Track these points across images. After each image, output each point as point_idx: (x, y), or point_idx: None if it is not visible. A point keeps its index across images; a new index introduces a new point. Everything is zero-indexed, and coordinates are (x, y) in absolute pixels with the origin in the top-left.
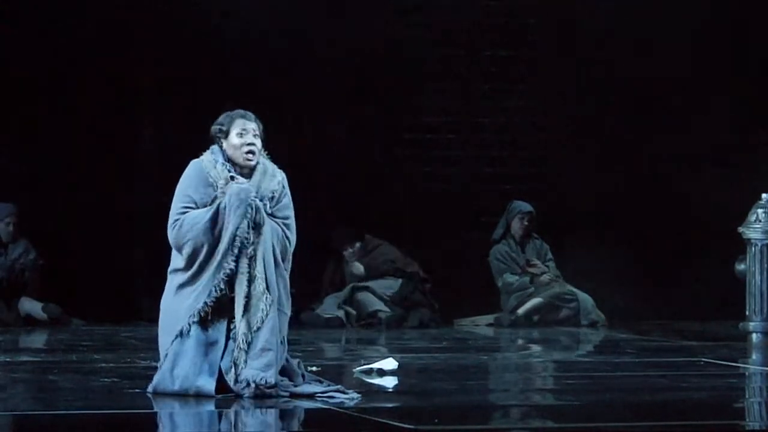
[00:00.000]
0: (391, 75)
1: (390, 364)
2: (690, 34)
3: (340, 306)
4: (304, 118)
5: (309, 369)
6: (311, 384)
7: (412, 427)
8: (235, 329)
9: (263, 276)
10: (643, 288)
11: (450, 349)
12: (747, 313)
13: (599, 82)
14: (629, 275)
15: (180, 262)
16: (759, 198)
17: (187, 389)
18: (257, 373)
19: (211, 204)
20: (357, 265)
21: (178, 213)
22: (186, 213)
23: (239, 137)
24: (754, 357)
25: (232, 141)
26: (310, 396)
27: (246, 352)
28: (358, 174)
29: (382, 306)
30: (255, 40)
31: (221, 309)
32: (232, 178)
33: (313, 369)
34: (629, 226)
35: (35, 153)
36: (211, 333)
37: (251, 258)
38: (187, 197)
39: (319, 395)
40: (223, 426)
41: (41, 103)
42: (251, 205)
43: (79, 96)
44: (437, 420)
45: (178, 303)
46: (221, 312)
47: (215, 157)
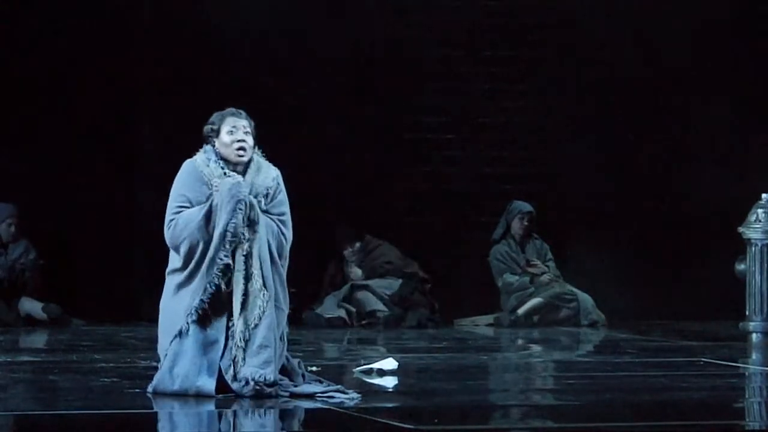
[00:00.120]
0: (391, 75)
1: (390, 364)
2: (690, 34)
3: (339, 305)
4: (304, 118)
5: (309, 369)
6: (311, 384)
7: (412, 427)
8: (233, 327)
9: (260, 273)
10: (643, 288)
11: (450, 349)
12: (747, 313)
13: (599, 82)
14: (629, 275)
15: (177, 262)
16: (759, 198)
17: (187, 389)
18: (256, 371)
19: (206, 202)
20: (356, 271)
21: (173, 213)
22: (181, 212)
23: (230, 135)
24: (754, 357)
25: (223, 139)
26: (310, 396)
27: (244, 349)
28: (358, 174)
29: (380, 306)
30: (255, 40)
31: (220, 307)
32: (225, 174)
33: (313, 369)
34: (629, 226)
35: (35, 153)
36: (211, 332)
37: (247, 255)
38: (182, 197)
39: (319, 395)
40: (223, 426)
41: (41, 103)
42: (243, 201)
43: (79, 96)
44: (437, 420)
45: (176, 303)
46: (220, 311)
47: (208, 156)
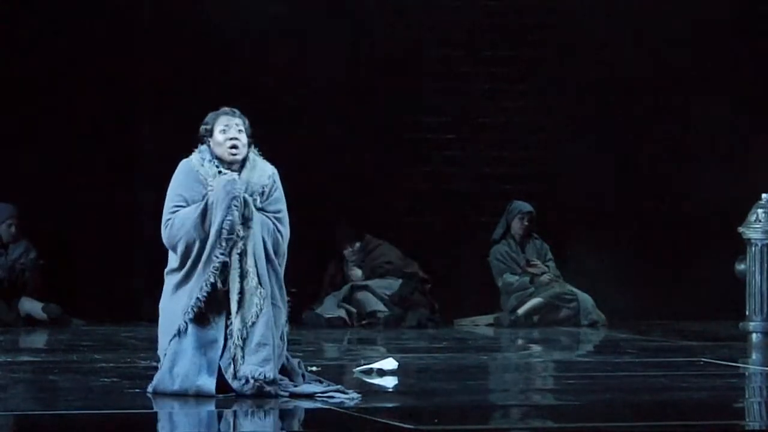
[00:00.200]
0: (391, 75)
1: (390, 364)
2: (690, 34)
3: (339, 305)
4: (303, 118)
5: (309, 369)
6: (311, 384)
7: (412, 427)
8: (231, 326)
9: (255, 270)
10: (643, 288)
11: (450, 349)
12: (747, 313)
13: (599, 82)
14: (629, 275)
15: (175, 261)
16: (759, 198)
17: (187, 389)
18: (255, 369)
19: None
20: (356, 272)
21: (170, 212)
22: (177, 212)
23: (222, 133)
24: (754, 357)
25: (216, 138)
26: (310, 396)
27: (242, 348)
28: (358, 174)
29: (380, 306)
30: (255, 40)
31: (218, 306)
32: (219, 173)
33: (313, 369)
34: (629, 226)
35: (35, 153)
36: (210, 331)
37: (242, 253)
38: (179, 196)
39: (319, 395)
40: (223, 426)
41: (41, 103)
42: (238, 198)
43: (79, 96)
44: (437, 420)
45: (175, 303)
46: (218, 310)
47: (202, 156)
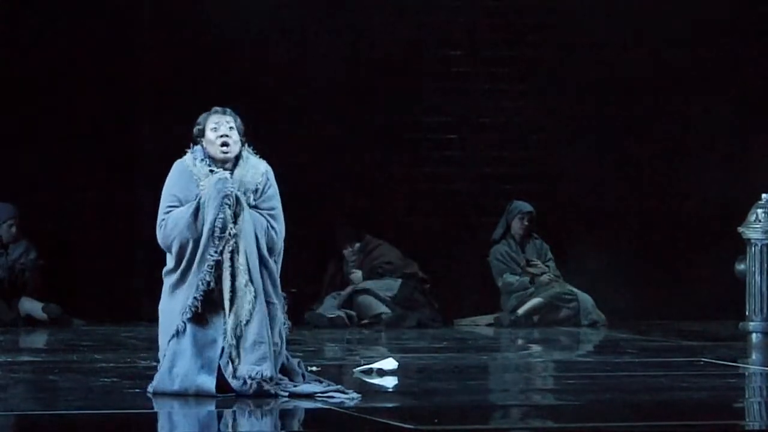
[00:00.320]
0: (391, 75)
1: (390, 364)
2: (690, 33)
3: (339, 308)
4: (303, 118)
5: (309, 369)
6: (311, 384)
7: (412, 427)
8: (226, 325)
9: (245, 268)
10: (643, 288)
11: (450, 349)
12: (747, 313)
13: (599, 82)
14: (629, 275)
15: (171, 262)
16: (759, 198)
17: (187, 388)
18: (252, 368)
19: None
20: (356, 275)
21: (164, 213)
22: (171, 212)
23: (213, 132)
24: (754, 357)
25: (208, 137)
26: (310, 396)
27: (235, 347)
28: (358, 174)
29: (383, 308)
30: (255, 40)
31: (215, 306)
32: (212, 172)
33: (313, 369)
34: (629, 226)
35: (35, 153)
36: (208, 331)
37: (233, 251)
38: (173, 197)
39: (319, 395)
40: (223, 426)
41: (41, 103)
42: (229, 196)
43: (79, 96)
44: (437, 420)
45: (173, 304)
46: (216, 309)
47: (195, 156)
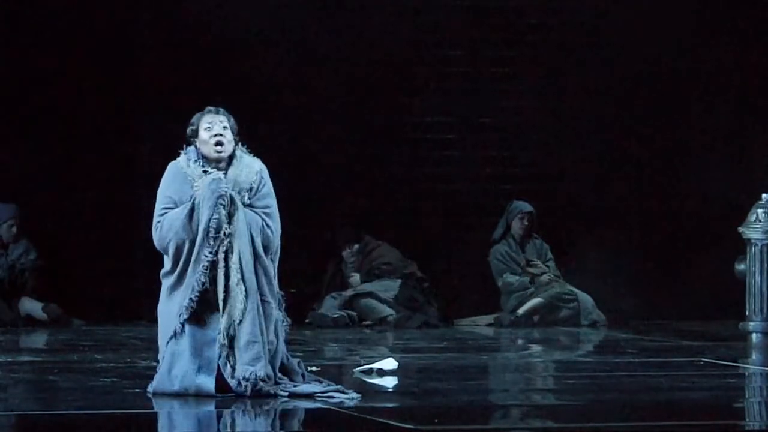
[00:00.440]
0: (392, 75)
1: (390, 364)
2: (691, 33)
3: (340, 309)
4: (303, 118)
5: (309, 369)
6: (311, 384)
7: (412, 427)
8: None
9: (238, 268)
10: (644, 288)
11: (450, 349)
12: (747, 313)
13: (599, 82)
14: (630, 275)
15: (168, 264)
16: (759, 198)
17: (187, 388)
18: (246, 369)
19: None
20: (355, 278)
21: (159, 215)
22: (166, 214)
23: (207, 131)
24: (754, 357)
25: (201, 137)
26: (309, 396)
27: (228, 347)
28: (358, 174)
29: (388, 310)
30: (255, 40)
31: (212, 306)
32: (205, 172)
33: (313, 369)
34: (629, 226)
35: (35, 153)
36: (207, 331)
37: (227, 251)
38: (168, 198)
39: (319, 395)
40: (223, 426)
41: (41, 103)
42: (224, 196)
43: (79, 96)
44: (437, 420)
45: (170, 305)
46: (212, 309)
47: (189, 157)
